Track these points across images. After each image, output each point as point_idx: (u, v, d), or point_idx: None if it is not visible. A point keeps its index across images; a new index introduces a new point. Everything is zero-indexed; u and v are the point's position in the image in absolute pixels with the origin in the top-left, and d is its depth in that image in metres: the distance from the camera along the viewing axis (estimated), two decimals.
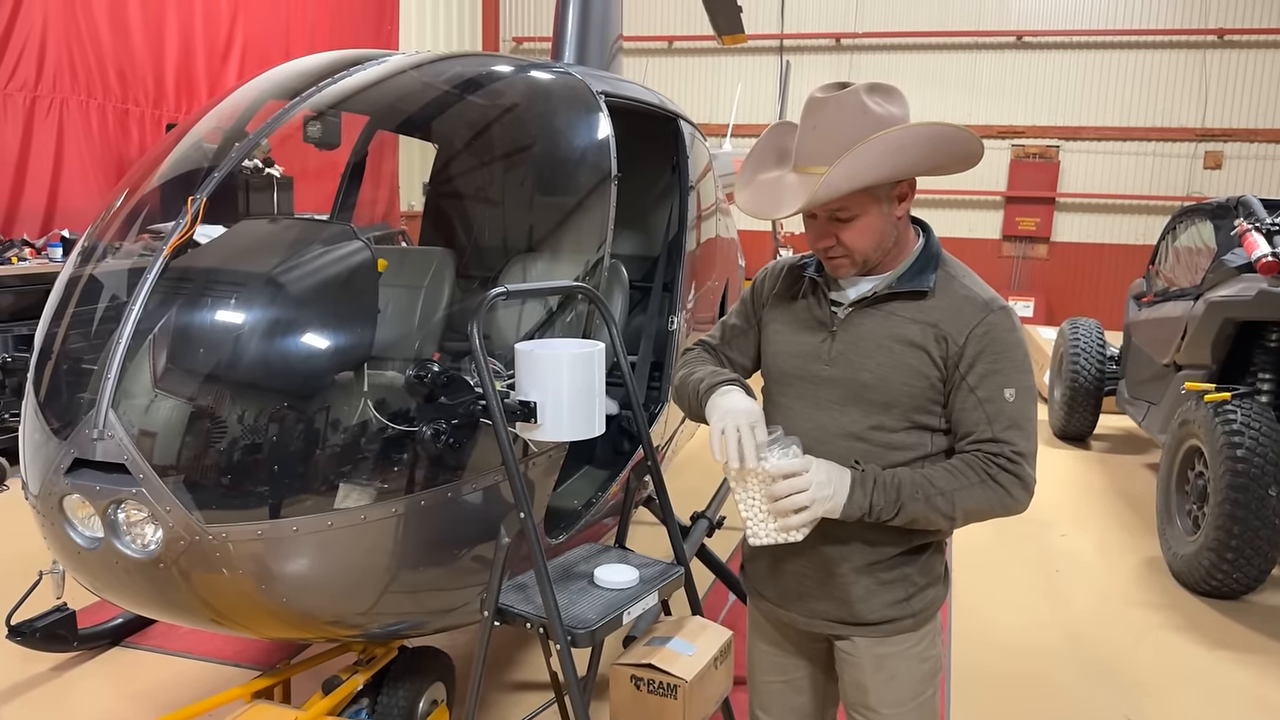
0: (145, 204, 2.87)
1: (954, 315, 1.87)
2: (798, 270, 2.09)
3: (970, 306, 1.88)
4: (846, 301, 1.96)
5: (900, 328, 1.89)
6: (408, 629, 2.77)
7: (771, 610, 2.18)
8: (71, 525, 2.34)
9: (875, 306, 1.93)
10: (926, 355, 1.86)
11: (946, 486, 1.82)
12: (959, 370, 1.86)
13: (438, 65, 3.41)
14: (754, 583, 2.24)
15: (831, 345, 1.95)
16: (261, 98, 3.15)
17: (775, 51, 13.50)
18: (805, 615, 2.10)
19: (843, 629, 2.06)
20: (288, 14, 9.92)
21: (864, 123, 1.76)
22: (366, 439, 2.45)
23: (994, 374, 1.84)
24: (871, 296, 1.92)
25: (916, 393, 1.87)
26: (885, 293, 1.91)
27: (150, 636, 3.92)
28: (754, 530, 1.82)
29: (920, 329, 1.88)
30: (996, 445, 1.83)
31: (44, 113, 7.45)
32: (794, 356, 2.02)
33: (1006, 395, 1.84)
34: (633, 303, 4.43)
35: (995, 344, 1.85)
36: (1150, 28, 12.29)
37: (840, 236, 1.86)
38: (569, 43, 4.50)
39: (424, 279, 3.46)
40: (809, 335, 2.00)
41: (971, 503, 1.83)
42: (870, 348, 1.90)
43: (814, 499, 1.75)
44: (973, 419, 1.85)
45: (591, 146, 3.31)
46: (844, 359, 1.93)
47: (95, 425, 2.24)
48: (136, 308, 2.37)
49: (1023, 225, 12.91)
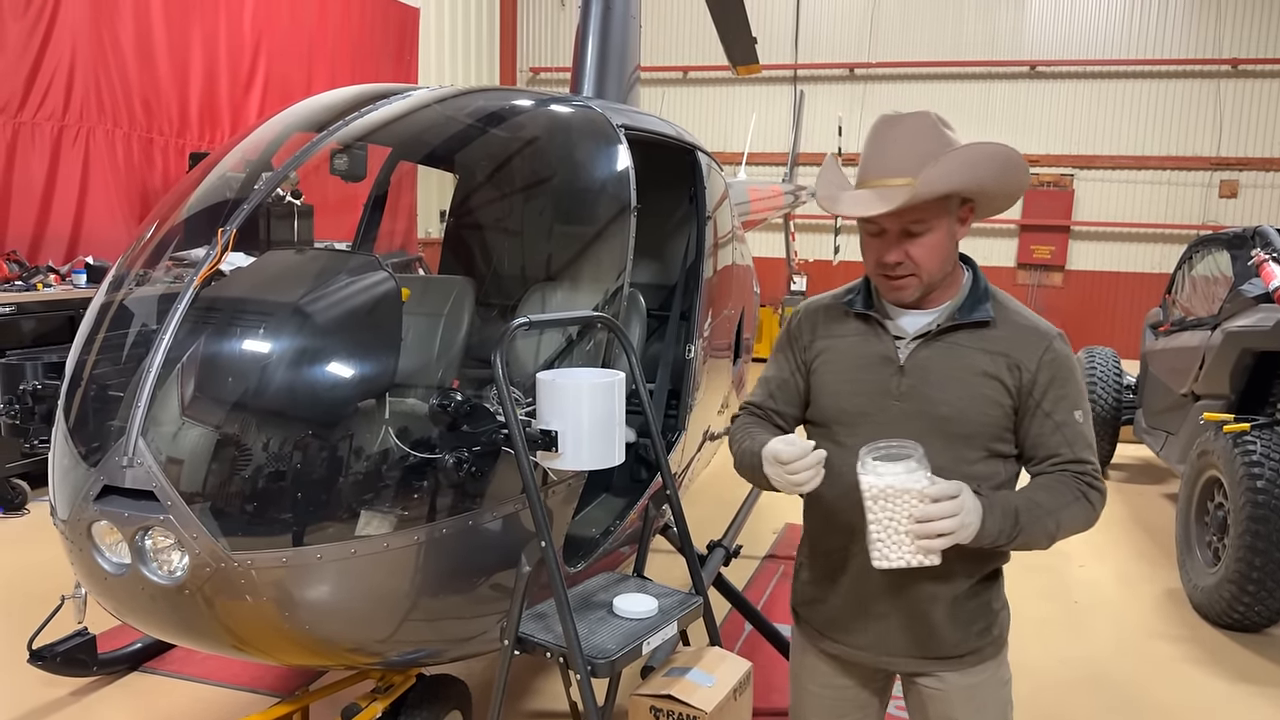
0: (176, 234, 2.93)
1: (1022, 344, 1.92)
2: (841, 308, 2.06)
3: (1035, 335, 1.94)
4: (907, 335, 1.95)
5: (971, 359, 1.91)
6: (427, 657, 2.78)
7: (844, 651, 2.10)
8: (99, 551, 2.37)
9: (939, 339, 1.93)
10: (1001, 385, 1.90)
11: (1051, 506, 1.86)
12: (1033, 397, 1.90)
13: (460, 99, 3.48)
14: (817, 624, 2.15)
15: (901, 380, 1.93)
16: (288, 131, 3.22)
17: (789, 81, 13.61)
18: (884, 654, 2.05)
19: (928, 664, 2.03)
20: (310, 46, 10.10)
21: (939, 138, 1.83)
22: (389, 467, 2.48)
23: (1065, 398, 1.91)
24: (935, 330, 1.93)
25: (992, 421, 1.91)
26: (948, 325, 1.93)
27: (169, 662, 3.94)
28: (884, 552, 1.74)
29: (991, 359, 1.90)
30: (1080, 465, 1.91)
31: (71, 141, 7.59)
32: (858, 395, 1.97)
33: (1077, 417, 1.92)
34: (650, 331, 4.46)
35: (1062, 369, 1.92)
36: (1164, 57, 12.33)
37: (910, 252, 1.86)
38: (588, 75, 4.57)
39: (444, 307, 3.50)
40: (873, 372, 1.96)
41: (1070, 521, 1.88)
42: (943, 380, 1.91)
43: (963, 524, 1.72)
44: (1052, 442, 1.91)
45: (611, 179, 3.35)
46: (916, 393, 1.92)
47: (125, 452, 2.28)
48: (167, 337, 2.41)
49: (1037, 253, 12.91)
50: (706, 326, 4.26)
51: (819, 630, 2.14)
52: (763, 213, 8.13)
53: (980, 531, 1.76)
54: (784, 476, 1.81)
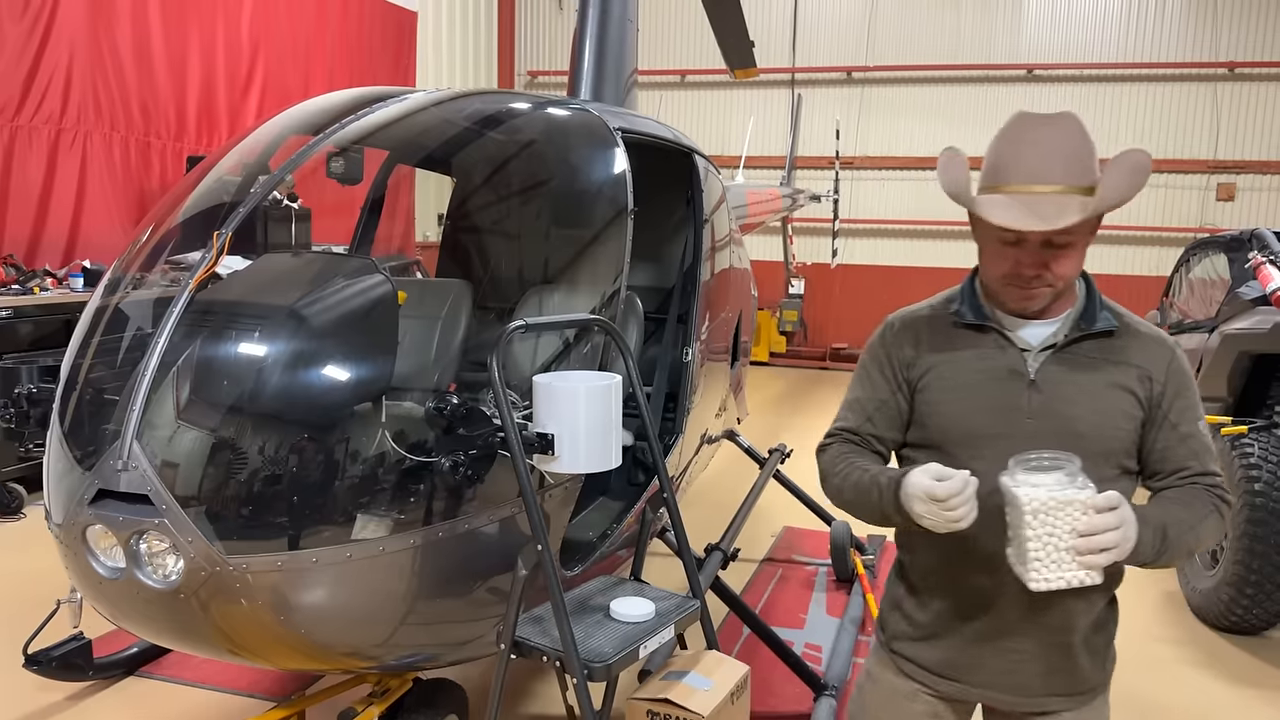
0: (171, 238, 2.92)
1: (1148, 354, 1.83)
2: (947, 320, 1.91)
3: (1159, 344, 1.85)
4: (1033, 348, 1.83)
5: (1103, 371, 1.81)
6: (424, 661, 2.78)
7: (960, 691, 1.94)
8: (94, 555, 2.36)
9: (1067, 350, 1.82)
10: (1134, 398, 1.81)
11: (1191, 521, 1.76)
12: (1161, 409, 1.82)
13: (457, 102, 3.48)
14: (929, 663, 1.96)
15: (1032, 396, 1.80)
16: (285, 134, 3.21)
17: (787, 85, 13.61)
18: (1010, 693, 1.90)
19: (1057, 702, 1.90)
20: (308, 49, 10.10)
21: (1088, 143, 1.72)
22: (385, 471, 2.48)
23: (1189, 408, 1.84)
24: (1063, 341, 1.82)
25: (1125, 436, 1.81)
26: (1076, 335, 1.82)
27: (165, 666, 3.92)
28: (1042, 572, 1.60)
29: (1122, 371, 1.81)
30: (1210, 477, 1.82)
31: (68, 145, 7.58)
32: (985, 413, 1.82)
33: (1201, 428, 1.85)
34: (647, 333, 4.45)
35: (1184, 378, 1.84)
36: (1161, 61, 12.34)
37: (1050, 264, 1.73)
38: (585, 78, 4.57)
39: (441, 310, 3.50)
40: (999, 388, 1.82)
41: (1207, 534, 1.79)
42: (1076, 395, 1.79)
43: (1125, 537, 1.60)
44: (1180, 455, 1.82)
45: (609, 181, 3.35)
46: (1049, 410, 1.79)
47: (120, 456, 2.27)
48: (162, 340, 2.41)
49: None
50: (704, 329, 4.26)
51: (931, 669, 1.96)
52: (760, 216, 8.13)
53: (1135, 546, 1.64)
54: (940, 514, 1.63)
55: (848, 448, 1.97)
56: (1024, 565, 1.62)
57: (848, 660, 4.14)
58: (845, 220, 12.78)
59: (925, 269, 13.29)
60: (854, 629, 4.45)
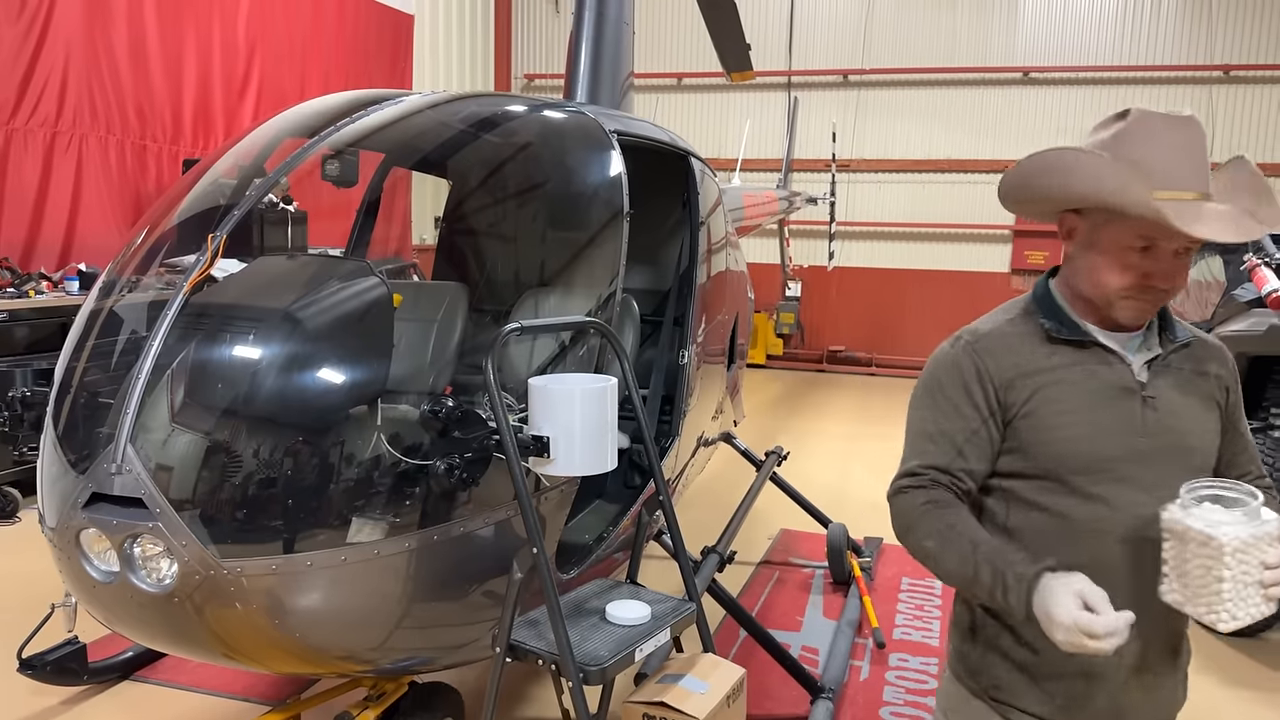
0: (166, 240, 2.92)
1: (1220, 361, 1.80)
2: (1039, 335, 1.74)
3: (1219, 350, 1.82)
4: (1134, 363, 1.72)
5: (1197, 384, 1.75)
6: (419, 664, 2.77)
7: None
8: (87, 559, 2.35)
9: (1164, 363, 1.73)
10: (1218, 408, 1.77)
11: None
12: (1231, 416, 1.80)
13: (454, 105, 3.48)
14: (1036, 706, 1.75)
15: (1146, 413, 1.68)
16: (280, 136, 3.21)
17: (783, 88, 13.62)
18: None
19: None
20: (304, 52, 10.10)
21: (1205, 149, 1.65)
22: (380, 474, 2.47)
23: (1242, 415, 1.83)
24: (1162, 353, 1.73)
25: (1215, 448, 1.76)
26: (1172, 347, 1.74)
27: (160, 670, 3.91)
28: (1234, 611, 1.49)
29: (1207, 382, 1.76)
30: (1264, 479, 1.79)
31: (64, 148, 7.57)
32: (1104, 435, 1.66)
33: (1249, 432, 1.83)
34: (644, 336, 4.45)
35: (1238, 381, 1.82)
36: (1156, 64, 12.38)
37: (1178, 275, 1.65)
38: (581, 81, 4.57)
39: (437, 313, 3.49)
40: (1113, 407, 1.68)
41: None
42: (1182, 409, 1.71)
43: None
44: (1243, 460, 1.80)
45: (605, 184, 3.35)
46: (1164, 426, 1.68)
47: (114, 459, 2.27)
48: (156, 343, 2.40)
49: (1031, 259, 12.92)
50: (700, 332, 4.26)
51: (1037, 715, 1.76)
52: (757, 218, 8.13)
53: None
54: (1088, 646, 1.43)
55: (935, 495, 1.71)
56: (1209, 607, 1.51)
57: (844, 663, 4.14)
58: (841, 223, 12.79)
59: (922, 271, 13.31)
60: (850, 631, 4.44)
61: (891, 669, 4.20)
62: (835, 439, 9.18)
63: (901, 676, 4.14)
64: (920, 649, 4.42)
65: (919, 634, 4.59)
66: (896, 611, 4.85)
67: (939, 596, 5.06)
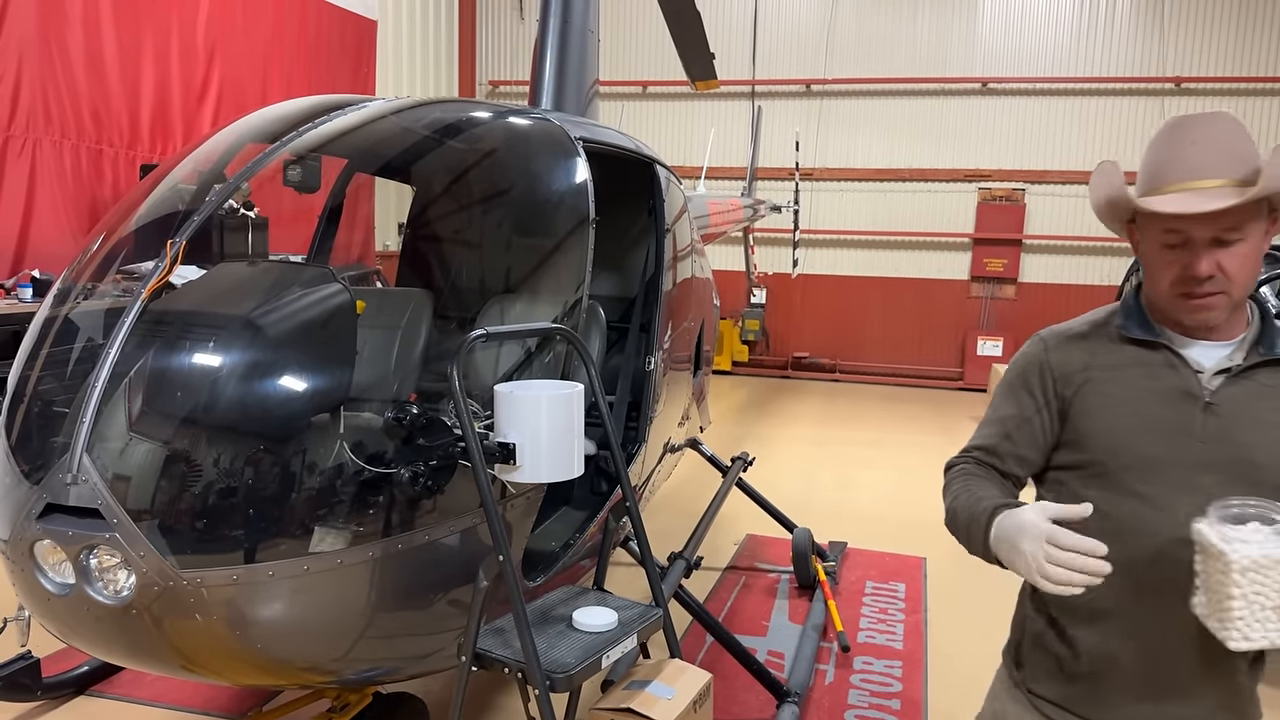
0: (123, 246, 2.87)
1: None
2: (1111, 333, 1.80)
3: None
4: (1206, 370, 1.71)
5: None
6: (383, 675, 2.74)
7: None
8: (42, 571, 2.30)
9: (1245, 376, 1.70)
10: None
11: None
12: None
13: (417, 111, 3.46)
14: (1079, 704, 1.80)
15: (1205, 420, 1.68)
16: (241, 141, 3.17)
17: (747, 97, 13.73)
18: None
19: None
20: (265, 56, 9.98)
21: (1246, 141, 1.65)
22: (343, 482, 2.44)
23: None
24: (1241, 366, 1.71)
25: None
26: (1256, 360, 1.71)
27: (117, 684, 3.83)
28: (1245, 632, 1.49)
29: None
30: None
31: (16, 153, 7.41)
32: (1154, 434, 1.69)
33: None
34: (610, 343, 4.46)
35: None
36: (1111, 75, 12.65)
37: (1222, 263, 1.62)
38: (546, 88, 4.57)
39: (401, 320, 3.47)
40: (1169, 408, 1.70)
41: None
42: (1254, 423, 1.68)
43: None
44: None
45: (570, 190, 3.35)
46: (1224, 436, 1.67)
47: (69, 469, 2.22)
48: (113, 350, 2.36)
49: (990, 266, 13.13)
50: (666, 339, 4.27)
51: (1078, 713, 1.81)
52: (722, 226, 8.18)
53: None
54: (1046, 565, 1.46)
55: (974, 468, 1.84)
56: (1221, 623, 1.51)
57: (809, 667, 4.16)
58: (805, 230, 12.91)
59: (883, 279, 13.47)
60: (816, 635, 4.47)
61: (856, 672, 4.24)
62: (800, 444, 9.25)
63: (866, 680, 4.17)
64: (884, 652, 4.46)
65: (883, 637, 4.63)
66: (861, 615, 4.90)
67: (903, 600, 5.11)
